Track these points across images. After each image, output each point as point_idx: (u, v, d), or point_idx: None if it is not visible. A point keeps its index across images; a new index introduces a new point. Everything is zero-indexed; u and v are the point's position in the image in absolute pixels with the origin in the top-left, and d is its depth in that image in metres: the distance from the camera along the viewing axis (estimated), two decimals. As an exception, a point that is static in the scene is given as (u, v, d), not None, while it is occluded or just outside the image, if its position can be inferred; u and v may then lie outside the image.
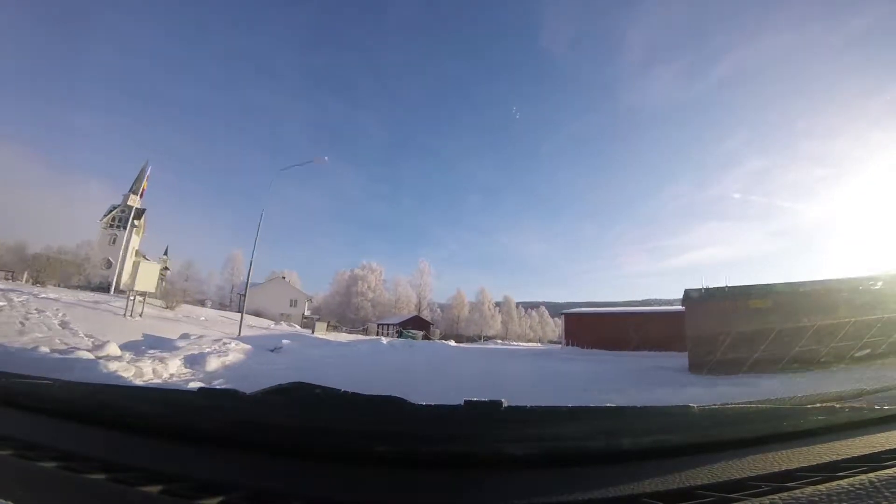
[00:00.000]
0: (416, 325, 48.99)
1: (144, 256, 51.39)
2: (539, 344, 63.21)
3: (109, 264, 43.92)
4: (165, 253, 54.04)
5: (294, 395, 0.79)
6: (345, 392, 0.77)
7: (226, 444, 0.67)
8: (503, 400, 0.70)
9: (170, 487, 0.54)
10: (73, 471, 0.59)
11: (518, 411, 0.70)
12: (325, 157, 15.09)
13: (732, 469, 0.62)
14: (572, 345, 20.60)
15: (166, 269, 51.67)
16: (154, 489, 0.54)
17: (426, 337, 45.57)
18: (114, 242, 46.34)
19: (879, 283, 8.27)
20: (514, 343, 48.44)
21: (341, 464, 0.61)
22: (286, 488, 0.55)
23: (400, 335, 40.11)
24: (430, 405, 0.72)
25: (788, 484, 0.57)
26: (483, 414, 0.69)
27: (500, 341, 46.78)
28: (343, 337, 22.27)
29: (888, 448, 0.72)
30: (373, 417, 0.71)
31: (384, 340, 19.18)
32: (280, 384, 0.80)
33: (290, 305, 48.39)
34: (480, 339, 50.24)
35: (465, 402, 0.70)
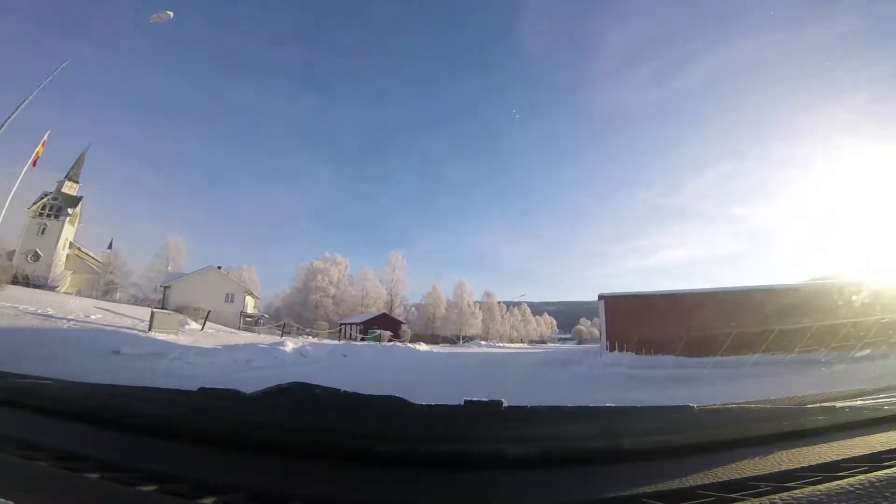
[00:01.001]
0: (384, 324, 40.76)
1: (80, 248, 43.41)
2: (525, 344, 55.59)
3: (37, 257, 37.55)
4: (110, 247, 47.34)
5: (294, 395, 0.77)
6: (345, 392, 0.76)
7: (226, 443, 0.66)
8: (503, 400, 0.69)
9: (170, 487, 0.54)
10: (73, 471, 0.58)
11: (519, 411, 0.69)
12: (170, 13, 10.16)
13: (732, 469, 0.61)
14: (621, 349, 11.47)
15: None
16: (154, 489, 0.54)
17: (394, 338, 37.75)
18: (43, 233, 39.65)
19: None
20: (500, 345, 40.52)
21: (341, 464, 0.61)
22: (286, 488, 0.55)
23: (363, 336, 32.72)
24: (431, 405, 0.70)
25: (788, 484, 0.56)
26: (483, 414, 0.69)
27: (482, 343, 38.57)
28: (235, 339, 13.74)
29: (888, 448, 0.70)
30: (373, 417, 0.70)
31: (288, 347, 10.76)
32: (280, 384, 0.78)
33: (226, 300, 39.43)
34: (459, 339, 42.12)
35: (466, 401, 0.69)
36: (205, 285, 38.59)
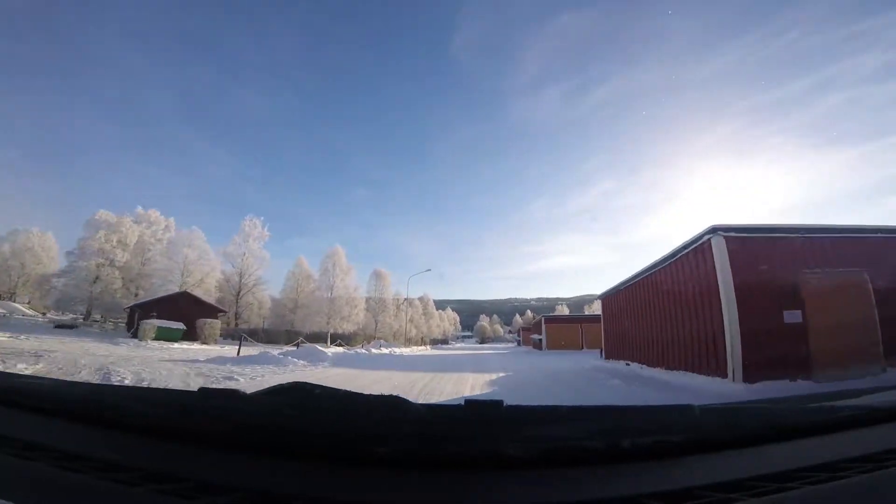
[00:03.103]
0: (182, 309, 23.26)
1: None
2: (427, 348, 41.74)
3: None
4: None
5: (294, 396, 0.78)
6: (345, 392, 0.77)
7: (226, 444, 0.66)
8: (503, 400, 0.70)
9: (170, 487, 0.54)
10: (73, 471, 0.58)
11: (519, 411, 0.70)
12: None
13: (732, 469, 0.62)
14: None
15: None
16: (154, 489, 0.54)
17: (189, 336, 20.84)
18: None
19: None
20: (389, 349, 25.63)
21: (342, 464, 0.61)
22: (286, 488, 0.55)
23: (135, 328, 15.79)
24: (431, 405, 0.72)
25: (788, 484, 0.56)
26: (484, 414, 0.69)
27: (360, 349, 23.26)
28: None
29: (888, 448, 0.70)
30: (373, 417, 0.70)
31: None
32: (280, 384, 0.79)
33: None
34: (327, 341, 26.47)
35: (466, 401, 0.69)
36: None
